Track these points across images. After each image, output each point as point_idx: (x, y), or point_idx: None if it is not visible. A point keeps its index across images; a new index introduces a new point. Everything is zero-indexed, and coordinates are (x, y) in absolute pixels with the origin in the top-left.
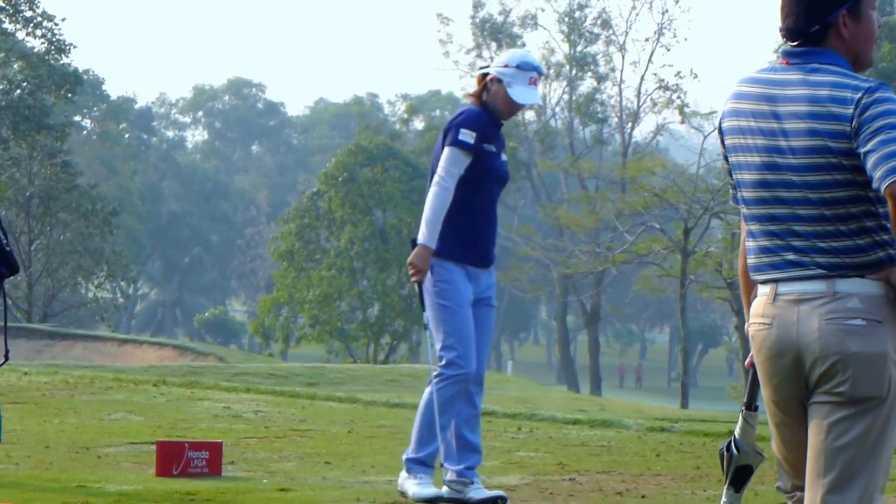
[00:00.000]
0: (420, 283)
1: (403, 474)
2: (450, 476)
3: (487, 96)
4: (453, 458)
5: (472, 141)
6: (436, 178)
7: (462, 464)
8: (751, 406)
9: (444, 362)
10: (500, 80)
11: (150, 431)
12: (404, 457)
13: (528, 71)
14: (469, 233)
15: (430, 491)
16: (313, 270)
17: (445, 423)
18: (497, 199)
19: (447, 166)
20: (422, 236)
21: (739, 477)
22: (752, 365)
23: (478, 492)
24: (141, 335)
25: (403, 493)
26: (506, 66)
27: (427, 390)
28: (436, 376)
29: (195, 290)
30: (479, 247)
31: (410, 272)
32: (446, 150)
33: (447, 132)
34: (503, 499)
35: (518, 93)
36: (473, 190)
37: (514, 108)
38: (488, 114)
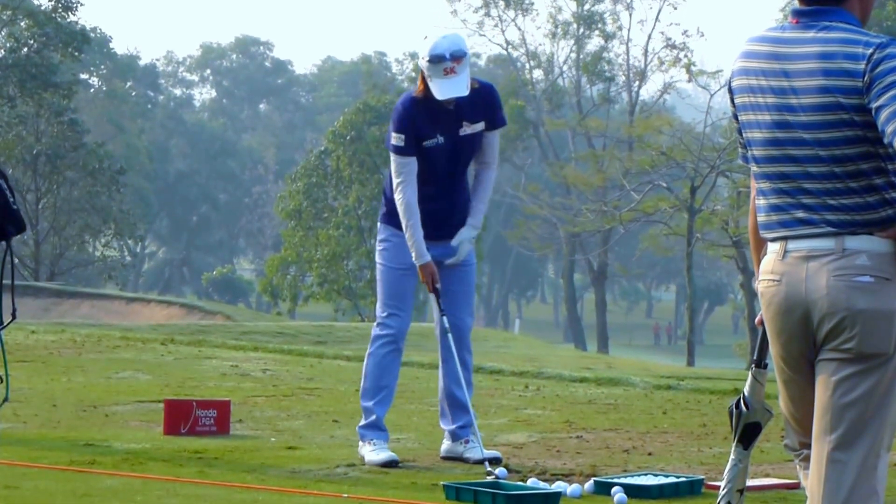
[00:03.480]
0: (436, 290)
1: (359, 443)
2: (447, 440)
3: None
4: (447, 418)
5: (402, 144)
6: (394, 189)
7: (455, 423)
8: (760, 363)
9: (375, 322)
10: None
11: (158, 390)
12: (357, 427)
13: (440, 63)
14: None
15: (385, 455)
16: (321, 229)
17: (374, 384)
18: (458, 169)
19: (394, 175)
20: (413, 257)
21: (748, 434)
22: (762, 322)
23: (474, 452)
24: (148, 294)
25: (363, 460)
26: (422, 58)
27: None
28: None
29: (203, 249)
30: (430, 225)
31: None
32: (391, 156)
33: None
34: (498, 459)
35: (436, 87)
36: (420, 182)
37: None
38: (425, 101)
